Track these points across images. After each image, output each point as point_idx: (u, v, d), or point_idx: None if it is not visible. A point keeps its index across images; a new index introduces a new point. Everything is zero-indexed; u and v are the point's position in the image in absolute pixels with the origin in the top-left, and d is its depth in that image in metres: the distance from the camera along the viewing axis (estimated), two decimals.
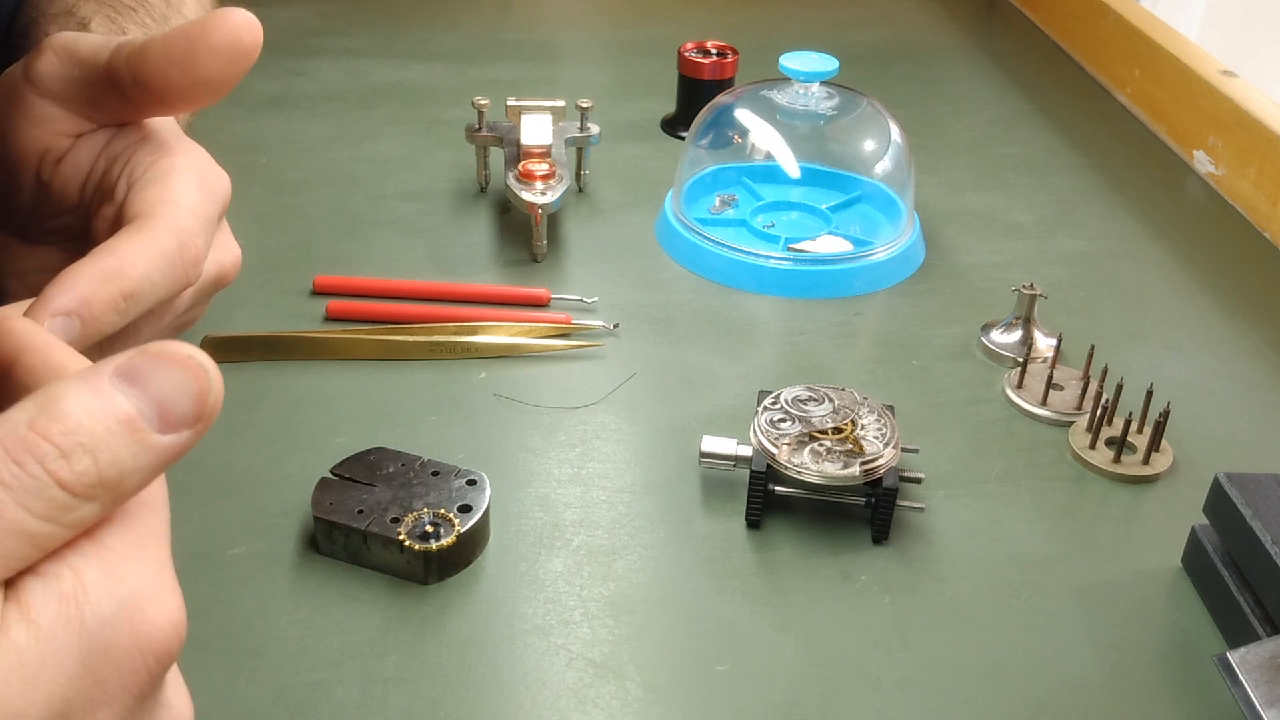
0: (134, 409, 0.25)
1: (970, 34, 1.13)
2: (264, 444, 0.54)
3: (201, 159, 0.47)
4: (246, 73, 0.43)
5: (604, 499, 0.52)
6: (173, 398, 0.25)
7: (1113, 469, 0.54)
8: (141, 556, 0.27)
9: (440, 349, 0.60)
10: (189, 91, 0.42)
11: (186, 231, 0.42)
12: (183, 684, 0.31)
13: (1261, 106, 0.79)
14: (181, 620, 0.28)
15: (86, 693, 0.25)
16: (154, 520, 0.28)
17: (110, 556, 0.26)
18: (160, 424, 0.25)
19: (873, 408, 0.52)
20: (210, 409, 0.26)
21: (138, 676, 0.26)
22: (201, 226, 0.44)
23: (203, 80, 0.42)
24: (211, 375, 0.26)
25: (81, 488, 0.24)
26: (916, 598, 0.47)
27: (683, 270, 0.70)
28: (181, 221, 0.42)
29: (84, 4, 0.62)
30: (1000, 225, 0.77)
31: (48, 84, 0.44)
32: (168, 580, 0.28)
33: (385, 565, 0.47)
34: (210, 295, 0.54)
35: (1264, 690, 0.38)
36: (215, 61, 0.42)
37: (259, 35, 0.42)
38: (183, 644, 0.28)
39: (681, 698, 0.42)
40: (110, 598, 0.25)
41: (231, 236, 0.54)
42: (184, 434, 0.26)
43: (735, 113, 0.75)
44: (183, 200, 0.44)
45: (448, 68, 0.99)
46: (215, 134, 0.85)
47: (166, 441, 0.25)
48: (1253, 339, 0.65)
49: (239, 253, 0.54)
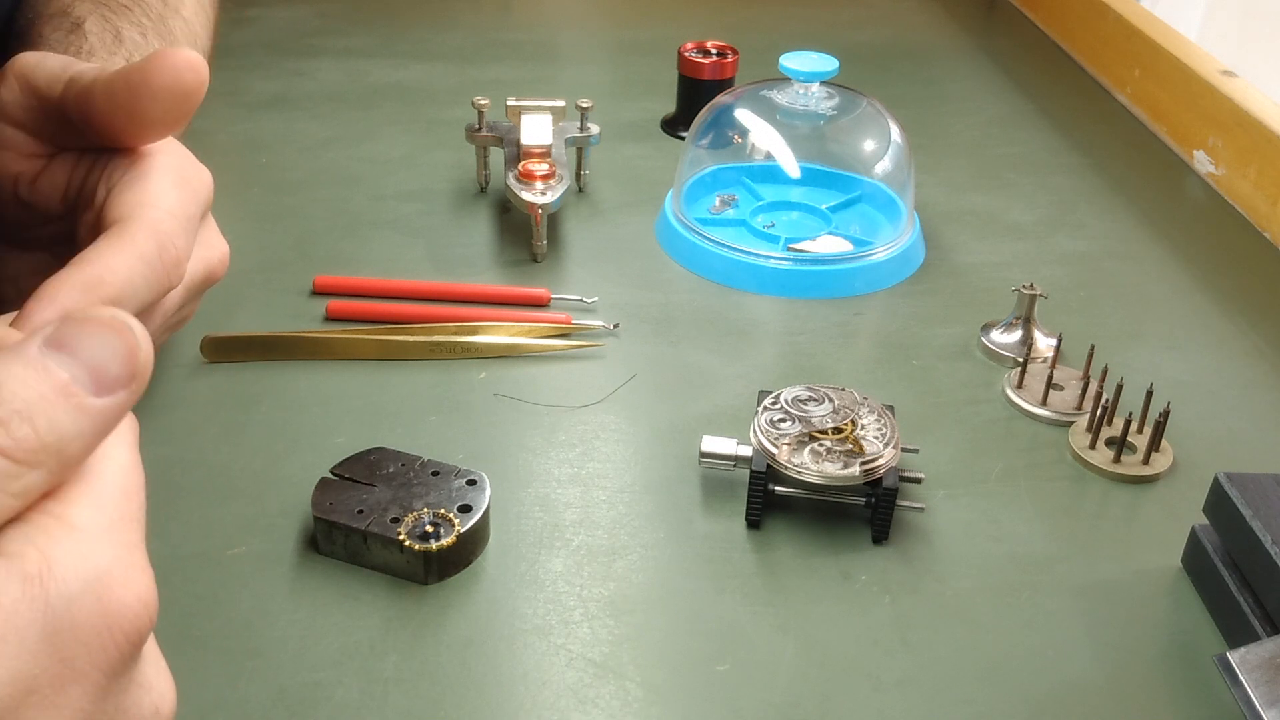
0: (67, 374, 0.25)
1: (970, 34, 1.13)
2: (264, 444, 0.54)
3: (180, 157, 0.47)
4: (195, 110, 0.43)
5: (604, 499, 0.52)
6: (103, 360, 0.26)
7: (1113, 469, 0.54)
8: (110, 538, 0.27)
9: (440, 349, 0.60)
10: (137, 133, 0.43)
11: (166, 233, 0.42)
12: (164, 666, 0.31)
13: (1261, 106, 0.79)
14: (151, 599, 0.28)
15: (53, 670, 0.25)
16: (127, 504, 0.28)
17: (78, 537, 0.26)
18: (95, 387, 0.25)
19: (873, 408, 0.52)
20: (142, 367, 0.26)
21: (107, 654, 0.26)
22: (181, 226, 0.44)
23: (148, 123, 0.42)
24: (138, 333, 0.26)
25: (23, 454, 0.25)
26: (916, 598, 0.47)
27: (683, 270, 0.70)
28: (160, 224, 0.42)
29: (79, 4, 0.62)
30: (1000, 225, 0.77)
31: (10, 111, 0.44)
32: (137, 561, 0.28)
33: (385, 565, 0.47)
34: (200, 293, 0.53)
35: (1264, 690, 0.38)
36: (158, 106, 0.42)
37: (203, 74, 0.42)
38: (154, 622, 0.28)
39: (681, 698, 0.42)
40: (76, 577, 0.26)
41: (218, 232, 0.54)
42: (120, 395, 0.26)
43: (735, 113, 0.75)
44: (161, 201, 0.43)
45: (448, 68, 0.99)
46: (215, 134, 0.85)
47: (103, 404, 0.26)
48: (1253, 339, 0.65)
49: (226, 249, 0.54)
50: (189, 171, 0.48)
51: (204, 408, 0.56)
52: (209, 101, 0.42)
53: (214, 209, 0.51)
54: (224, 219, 0.51)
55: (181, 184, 0.46)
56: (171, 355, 0.59)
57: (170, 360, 0.59)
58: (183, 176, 0.47)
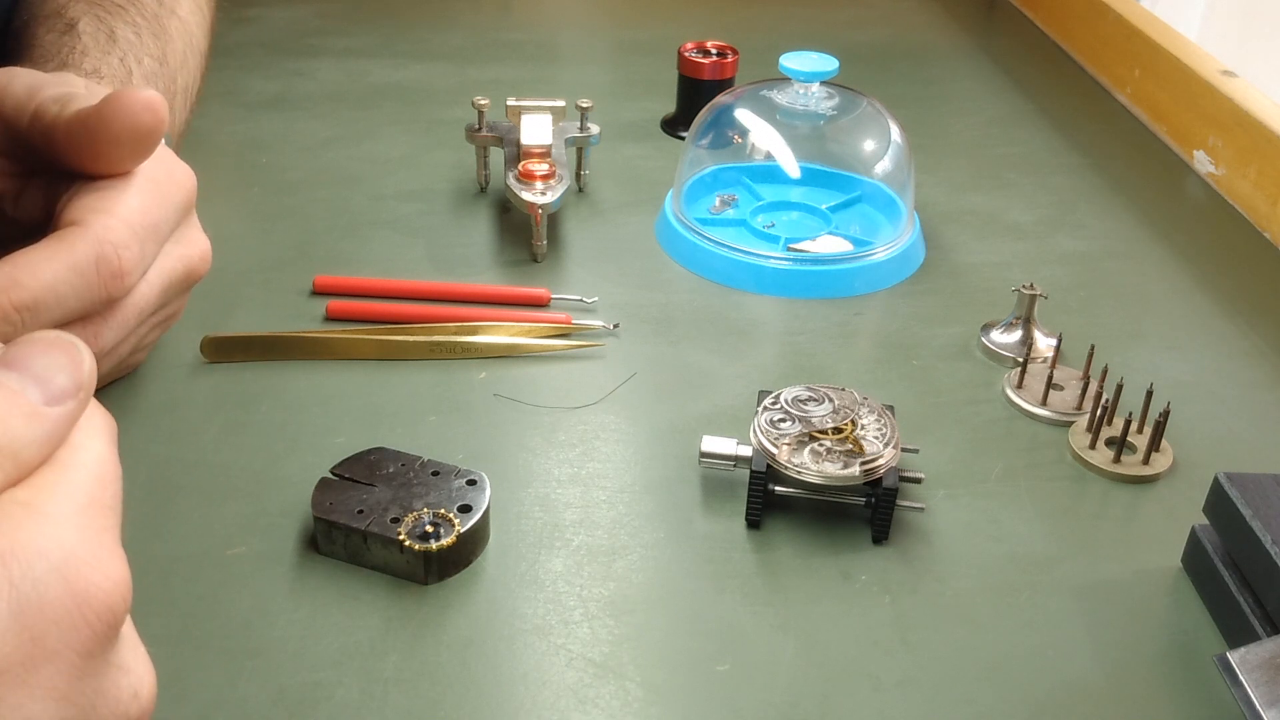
0: (18, 386, 0.28)
1: (970, 34, 1.13)
2: (264, 444, 0.54)
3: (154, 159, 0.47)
4: (155, 146, 0.44)
5: (604, 499, 0.52)
6: (50, 373, 0.28)
7: (1113, 469, 0.54)
8: (77, 522, 0.28)
9: (440, 349, 0.60)
10: (102, 170, 0.44)
11: (111, 243, 0.42)
12: (143, 651, 0.31)
13: (1261, 106, 0.79)
14: (122, 579, 0.28)
15: (23, 649, 0.26)
16: (100, 492, 0.29)
17: (44, 521, 0.27)
18: (45, 398, 0.28)
19: (873, 408, 0.52)
20: (87, 378, 0.29)
21: (79, 634, 0.27)
22: (135, 234, 0.44)
23: (109, 163, 0.43)
24: (81, 348, 0.29)
25: None
26: (916, 598, 0.47)
27: (683, 270, 0.70)
28: (109, 231, 0.42)
29: (74, 4, 0.62)
30: (1000, 225, 0.77)
31: None
32: (107, 543, 0.29)
33: (385, 565, 0.47)
34: (183, 291, 0.53)
35: (1264, 690, 0.38)
36: (117, 149, 0.42)
37: (160, 113, 0.43)
38: (128, 603, 0.29)
39: (681, 698, 0.42)
40: (43, 559, 0.26)
41: (199, 229, 0.53)
42: (69, 404, 0.29)
43: (735, 113, 0.75)
44: (118, 208, 0.43)
45: (448, 68, 0.99)
46: (215, 134, 0.85)
47: (55, 412, 0.28)
48: (1253, 339, 0.65)
49: (207, 246, 0.54)
50: (162, 174, 0.48)
51: (204, 408, 0.56)
52: (209, 101, 0.42)
53: (214, 209, 0.51)
54: (224, 219, 0.51)
55: (150, 188, 0.46)
56: (171, 355, 0.59)
57: (170, 360, 0.59)
58: (153, 180, 0.46)
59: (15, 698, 0.25)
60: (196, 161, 0.53)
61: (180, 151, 0.56)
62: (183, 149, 0.65)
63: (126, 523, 0.49)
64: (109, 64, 0.59)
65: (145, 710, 0.30)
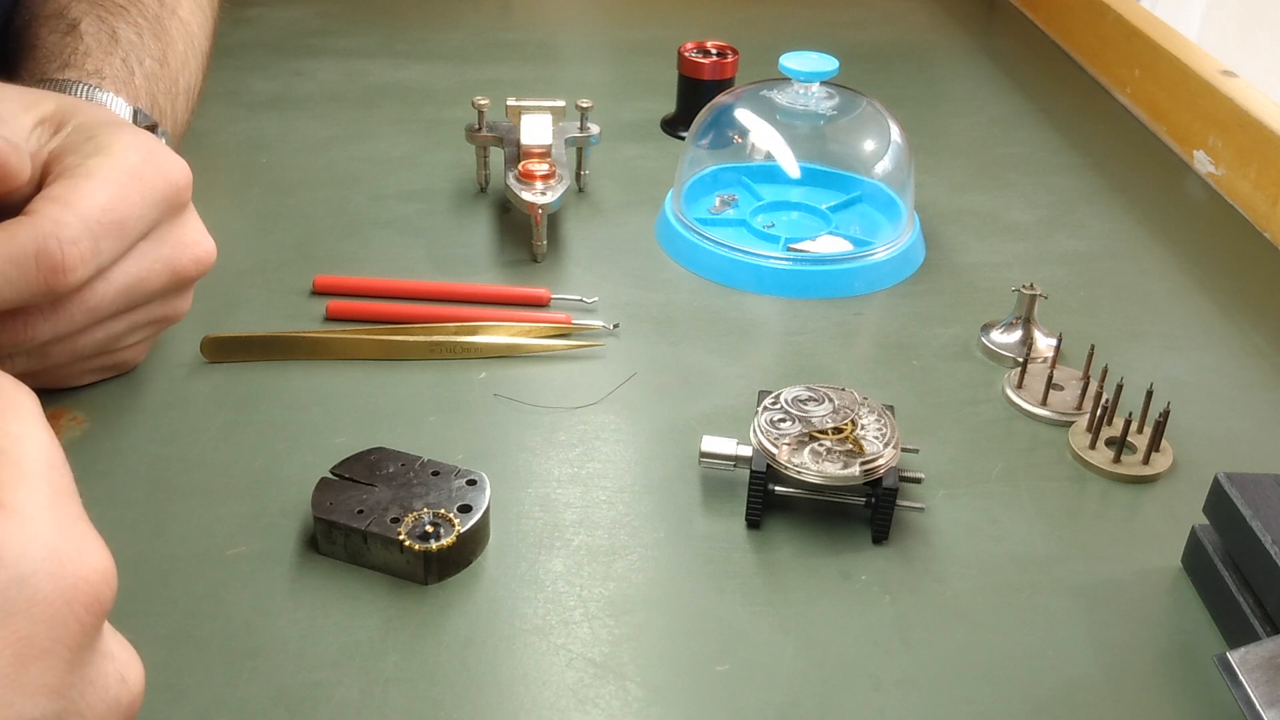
0: None
1: (970, 34, 1.13)
2: (264, 444, 0.54)
3: (138, 155, 0.46)
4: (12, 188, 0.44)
5: (604, 499, 0.52)
6: None
7: (1113, 469, 0.54)
8: (51, 514, 0.27)
9: (440, 349, 0.60)
10: None
11: (57, 237, 0.41)
12: (123, 638, 0.31)
13: (1261, 106, 0.79)
14: (107, 567, 0.28)
15: (14, 649, 0.25)
16: (57, 478, 0.28)
17: (19, 519, 0.26)
18: None
19: (873, 408, 0.52)
20: None
21: (69, 628, 0.27)
22: (90, 230, 0.43)
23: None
24: None
25: None
26: (916, 598, 0.47)
27: (683, 270, 0.70)
28: (57, 226, 0.42)
29: (75, 4, 0.62)
30: (1000, 225, 0.77)
31: None
32: (86, 532, 0.28)
33: (385, 565, 0.47)
34: (175, 291, 0.53)
35: (1264, 690, 0.38)
36: None
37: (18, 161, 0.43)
38: (114, 590, 0.28)
39: (681, 698, 0.42)
40: (25, 556, 0.26)
41: (198, 231, 0.53)
42: None
43: (735, 113, 0.75)
44: (78, 200, 0.43)
45: (448, 68, 0.99)
46: (215, 134, 0.85)
47: None
48: (1253, 339, 0.65)
49: (206, 247, 0.53)
50: (145, 167, 0.47)
51: (204, 408, 0.56)
52: (209, 101, 0.42)
53: (214, 209, 0.50)
54: (224, 219, 0.51)
55: (124, 183, 0.45)
56: (171, 355, 0.59)
57: (170, 360, 0.59)
58: (133, 174, 0.46)
59: (7, 697, 0.25)
60: (196, 162, 0.53)
61: (181, 151, 0.56)
62: (183, 149, 0.65)
63: (127, 523, 0.49)
64: (111, 65, 0.59)
65: (135, 694, 0.30)
